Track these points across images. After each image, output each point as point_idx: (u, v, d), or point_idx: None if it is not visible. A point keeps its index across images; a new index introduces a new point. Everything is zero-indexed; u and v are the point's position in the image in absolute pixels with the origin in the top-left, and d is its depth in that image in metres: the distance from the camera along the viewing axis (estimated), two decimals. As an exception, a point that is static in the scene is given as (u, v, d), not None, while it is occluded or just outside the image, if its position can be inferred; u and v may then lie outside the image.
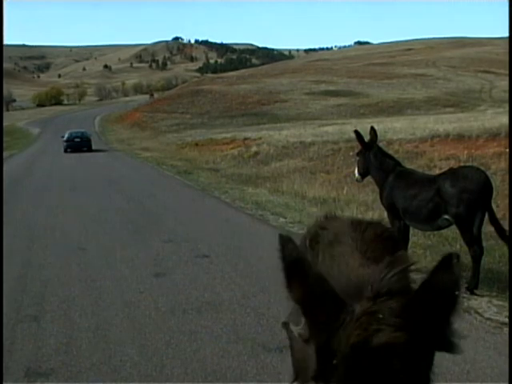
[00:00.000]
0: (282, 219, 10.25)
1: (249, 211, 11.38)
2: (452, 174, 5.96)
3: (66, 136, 35.31)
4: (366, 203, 11.71)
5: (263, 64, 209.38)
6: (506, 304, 5.11)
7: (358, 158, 7.08)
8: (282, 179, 16.21)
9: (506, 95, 43.05)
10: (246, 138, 30.56)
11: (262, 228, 9.59)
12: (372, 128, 6.91)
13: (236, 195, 13.57)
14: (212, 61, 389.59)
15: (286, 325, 2.08)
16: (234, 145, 29.07)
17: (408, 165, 9.00)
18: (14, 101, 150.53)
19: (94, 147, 35.32)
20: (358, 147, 7.18)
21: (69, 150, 33.56)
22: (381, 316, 1.29)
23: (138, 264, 7.31)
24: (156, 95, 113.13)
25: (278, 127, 38.56)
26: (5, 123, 50.33)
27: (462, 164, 11.78)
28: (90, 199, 13.50)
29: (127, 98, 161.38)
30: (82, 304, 5.75)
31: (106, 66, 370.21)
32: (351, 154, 15.94)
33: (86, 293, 6.14)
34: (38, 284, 6.50)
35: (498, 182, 10.46)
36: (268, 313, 5.32)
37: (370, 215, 9.47)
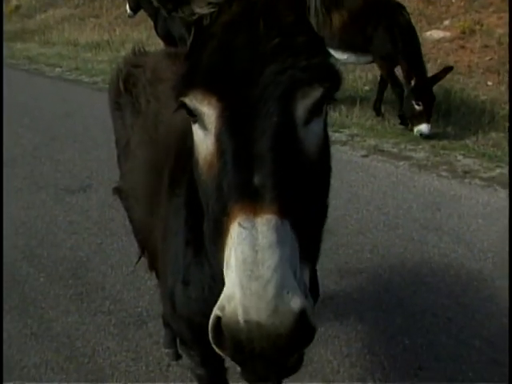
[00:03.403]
0: (57, 69, 10.23)
1: (22, 67, 11.06)
2: None
3: None
4: (141, 41, 11.93)
5: None
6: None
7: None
8: (51, 30, 15.54)
9: None
10: (1, -8, 27.70)
11: (39, 81, 9.53)
12: None
13: (5, 53, 12.87)
14: None
15: None
16: (-12, 2, 26.31)
17: None
18: None
19: None
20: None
21: None
22: None
23: None
24: None
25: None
26: None
27: None
28: None
29: None
30: None
31: None
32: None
33: None
34: None
35: None
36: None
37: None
